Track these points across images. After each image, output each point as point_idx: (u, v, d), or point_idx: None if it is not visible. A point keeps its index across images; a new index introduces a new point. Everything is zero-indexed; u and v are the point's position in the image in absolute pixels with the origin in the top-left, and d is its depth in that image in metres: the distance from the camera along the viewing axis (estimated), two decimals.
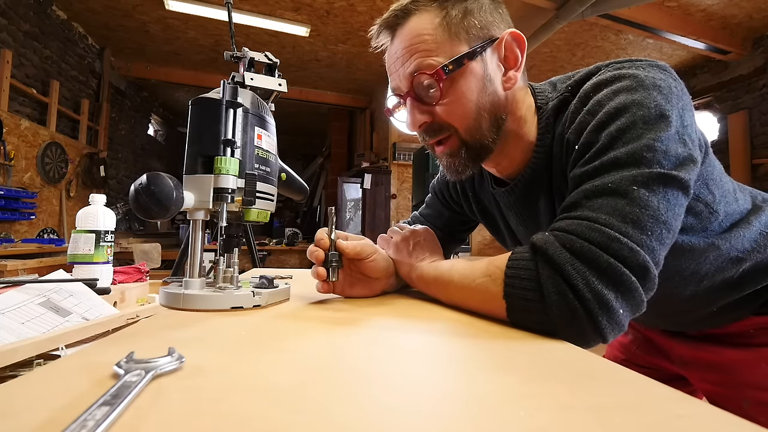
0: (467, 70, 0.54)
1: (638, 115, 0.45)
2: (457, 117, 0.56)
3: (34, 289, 0.59)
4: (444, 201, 0.83)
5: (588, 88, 0.52)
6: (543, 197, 0.59)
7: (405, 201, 5.05)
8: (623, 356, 0.84)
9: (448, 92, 0.54)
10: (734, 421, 0.21)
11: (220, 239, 0.54)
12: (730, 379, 0.65)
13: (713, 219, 0.55)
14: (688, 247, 0.55)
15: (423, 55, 0.54)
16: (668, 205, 0.42)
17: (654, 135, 0.44)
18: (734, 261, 0.58)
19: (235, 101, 0.52)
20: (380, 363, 0.32)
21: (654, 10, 3.40)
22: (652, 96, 0.46)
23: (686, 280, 0.58)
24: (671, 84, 0.48)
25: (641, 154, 0.43)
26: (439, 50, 0.53)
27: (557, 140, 0.56)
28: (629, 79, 0.48)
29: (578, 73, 0.57)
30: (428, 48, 0.54)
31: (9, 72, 3.08)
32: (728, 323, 0.64)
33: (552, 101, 0.58)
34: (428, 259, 0.61)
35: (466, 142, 0.57)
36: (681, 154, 0.44)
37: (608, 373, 0.29)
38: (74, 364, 0.29)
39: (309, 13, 3.78)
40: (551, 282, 0.41)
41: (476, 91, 0.55)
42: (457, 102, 0.55)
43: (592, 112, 0.49)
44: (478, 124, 0.56)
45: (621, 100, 0.47)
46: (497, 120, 0.57)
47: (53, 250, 2.92)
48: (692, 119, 0.48)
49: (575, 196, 0.46)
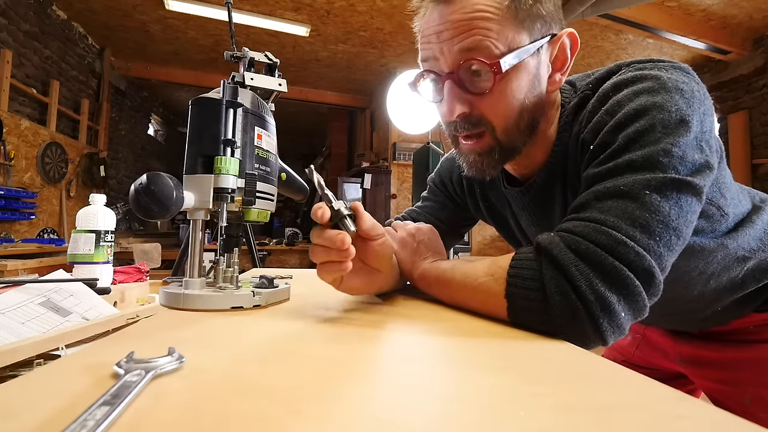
0: (522, 67, 0.49)
1: (658, 119, 0.44)
2: (500, 114, 0.51)
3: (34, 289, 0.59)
4: (448, 194, 0.80)
5: (608, 88, 0.50)
6: (558, 197, 0.58)
7: (405, 201, 5.05)
8: (621, 357, 0.84)
9: (498, 86, 0.49)
10: (734, 421, 0.21)
11: (220, 239, 0.54)
12: (731, 376, 0.65)
13: (723, 221, 0.55)
14: (698, 247, 0.54)
15: (483, 33, 0.47)
16: (680, 212, 0.42)
17: (672, 140, 0.43)
18: (740, 260, 0.58)
19: (235, 101, 0.52)
20: (380, 363, 0.32)
21: (654, 10, 3.40)
22: (673, 99, 0.44)
23: (694, 281, 0.58)
24: (694, 88, 0.46)
25: (657, 158, 0.42)
26: (501, 35, 0.47)
27: (573, 139, 0.54)
28: (651, 80, 0.47)
29: (598, 71, 0.56)
30: (490, 28, 0.47)
31: (9, 72, 3.08)
32: (730, 321, 0.64)
33: (573, 99, 0.56)
34: (430, 259, 0.60)
35: (501, 143, 0.53)
36: (698, 161, 0.43)
37: (608, 373, 0.29)
38: (74, 364, 0.29)
39: (309, 13, 3.78)
40: (554, 282, 0.41)
41: (525, 90, 0.51)
42: (504, 99, 0.50)
43: (611, 112, 0.48)
44: (518, 125, 0.52)
45: (641, 101, 0.45)
46: (534, 122, 0.54)
47: (53, 250, 2.92)
48: (712, 125, 0.47)
49: (586, 197, 0.45)
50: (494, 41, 0.47)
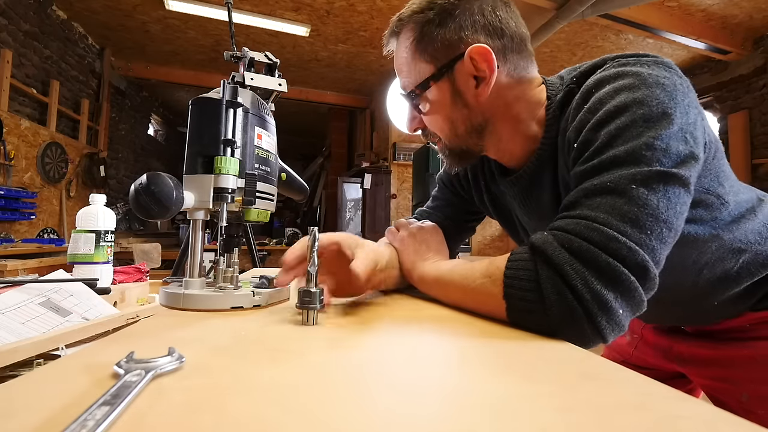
0: (436, 89, 0.58)
1: (638, 114, 0.44)
2: (437, 129, 0.62)
3: (34, 289, 0.59)
4: (453, 189, 0.82)
5: (590, 84, 0.52)
6: (548, 189, 0.59)
7: (405, 201, 5.05)
8: (621, 358, 0.84)
9: (426, 108, 0.60)
10: (734, 421, 0.21)
11: (220, 239, 0.54)
12: (728, 374, 0.65)
13: (723, 209, 0.55)
14: (692, 237, 0.55)
15: (404, 75, 0.61)
16: (669, 204, 0.42)
17: (654, 133, 0.43)
18: (735, 252, 0.58)
19: (235, 101, 0.52)
20: (380, 363, 0.32)
21: (654, 10, 3.40)
22: (654, 94, 0.45)
23: (687, 270, 0.58)
24: (676, 81, 0.47)
25: (640, 152, 0.43)
26: (412, 71, 0.59)
27: (561, 134, 0.56)
28: (632, 77, 0.48)
29: (585, 64, 0.57)
30: (405, 71, 0.60)
31: (9, 72, 3.08)
32: (727, 319, 0.64)
33: (559, 93, 0.58)
34: (431, 259, 0.60)
35: (449, 148, 0.63)
36: (682, 152, 0.44)
37: (608, 373, 0.29)
38: (74, 364, 0.29)
39: (309, 13, 3.78)
40: (550, 282, 0.41)
41: (447, 107, 0.59)
42: (432, 116, 0.61)
43: (593, 110, 0.49)
44: (455, 133, 0.60)
45: (622, 98, 0.46)
46: (475, 128, 0.60)
47: (53, 250, 2.92)
48: (698, 116, 0.47)
49: (575, 195, 0.46)
50: (408, 78, 0.60)
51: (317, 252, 0.44)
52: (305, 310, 0.42)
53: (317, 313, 0.43)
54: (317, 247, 0.44)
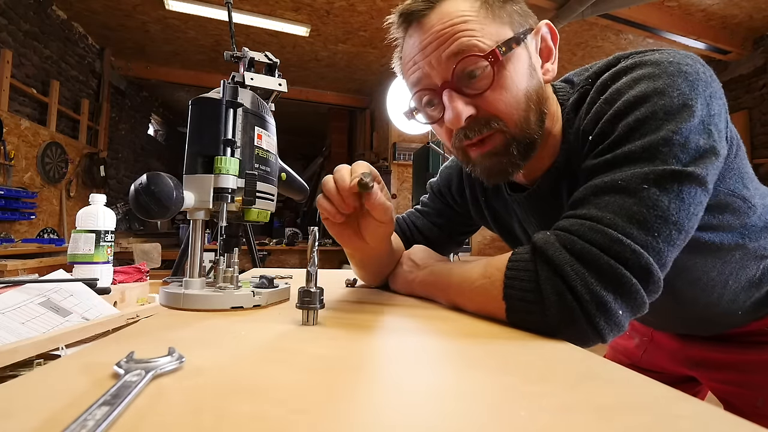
0: (515, 56, 0.49)
1: (659, 105, 0.42)
2: (508, 107, 0.49)
3: (34, 289, 0.59)
4: (446, 203, 0.79)
5: (607, 77, 0.49)
6: (566, 198, 0.56)
7: (405, 201, 5.05)
8: (628, 361, 0.83)
9: (498, 78, 0.48)
10: (734, 421, 0.21)
11: (220, 239, 0.54)
12: (745, 378, 0.64)
13: (752, 213, 0.52)
14: (716, 246, 0.52)
15: (468, 34, 0.47)
16: (681, 204, 0.40)
17: (674, 126, 0.41)
18: (757, 258, 0.56)
19: (235, 101, 0.51)
20: (380, 363, 0.32)
21: (654, 10, 3.40)
22: (676, 83, 0.43)
23: (713, 281, 0.56)
24: (699, 69, 0.44)
25: (657, 148, 0.41)
26: (485, 32, 0.48)
27: (575, 134, 0.53)
28: (651, 66, 0.45)
29: (596, 64, 0.54)
30: (472, 28, 0.47)
31: (9, 72, 3.08)
32: (747, 324, 0.63)
33: (572, 96, 0.55)
34: (430, 267, 0.60)
35: (515, 137, 0.51)
36: (702, 147, 0.41)
37: (609, 373, 0.29)
38: (74, 364, 0.29)
39: (309, 13, 3.78)
40: (550, 283, 0.40)
41: (525, 79, 0.50)
42: (507, 90, 0.49)
43: (610, 100, 0.46)
44: (528, 115, 0.51)
45: (642, 88, 0.44)
46: (541, 114, 0.52)
47: (53, 250, 2.92)
48: (721, 108, 0.45)
49: (584, 192, 0.44)
50: (480, 39, 0.48)
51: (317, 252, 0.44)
52: (305, 310, 0.42)
53: (317, 313, 0.43)
54: (317, 247, 0.44)
